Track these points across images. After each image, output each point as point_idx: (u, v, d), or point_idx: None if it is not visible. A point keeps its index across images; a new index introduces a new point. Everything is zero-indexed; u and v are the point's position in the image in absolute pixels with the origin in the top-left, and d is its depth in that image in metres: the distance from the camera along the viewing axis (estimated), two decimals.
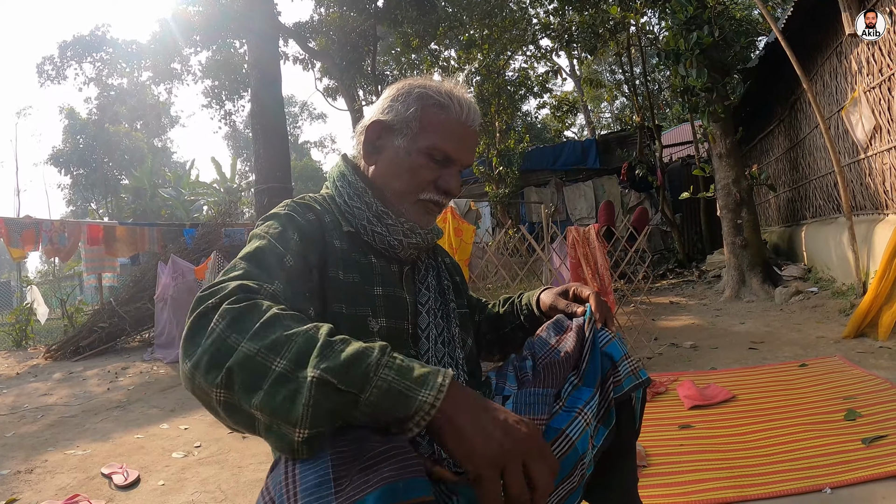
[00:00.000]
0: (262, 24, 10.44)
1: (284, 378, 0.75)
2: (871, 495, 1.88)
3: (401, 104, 1.21)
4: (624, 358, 1.23)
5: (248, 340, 0.78)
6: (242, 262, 1.00)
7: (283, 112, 10.82)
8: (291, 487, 0.72)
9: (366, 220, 1.20)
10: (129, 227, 10.44)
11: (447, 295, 1.34)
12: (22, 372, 6.96)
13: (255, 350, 0.77)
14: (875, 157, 5.40)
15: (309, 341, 0.79)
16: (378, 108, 1.26)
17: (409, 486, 0.70)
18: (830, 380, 3.23)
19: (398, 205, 1.22)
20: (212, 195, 30.46)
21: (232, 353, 0.78)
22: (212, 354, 0.79)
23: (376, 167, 1.24)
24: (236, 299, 0.85)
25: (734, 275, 7.17)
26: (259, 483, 2.65)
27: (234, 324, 0.81)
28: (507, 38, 13.94)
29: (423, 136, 1.19)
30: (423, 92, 1.21)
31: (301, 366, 0.76)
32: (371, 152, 1.24)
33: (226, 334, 0.80)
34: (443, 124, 1.20)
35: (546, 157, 14.67)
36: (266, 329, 0.80)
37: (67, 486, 2.85)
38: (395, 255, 1.24)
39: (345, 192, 1.24)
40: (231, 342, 0.79)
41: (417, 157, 1.19)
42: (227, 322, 0.81)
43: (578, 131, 31.71)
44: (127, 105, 27.22)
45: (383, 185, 1.23)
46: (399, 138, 1.21)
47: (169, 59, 16.19)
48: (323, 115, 58.72)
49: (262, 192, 9.80)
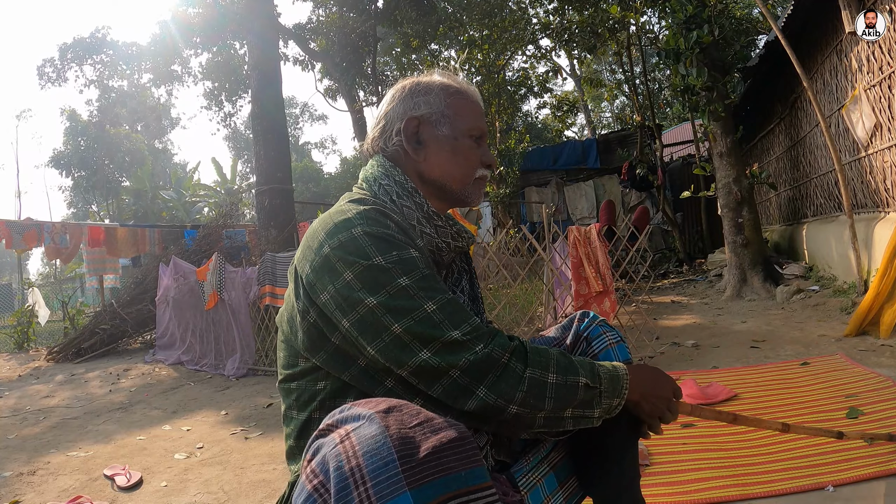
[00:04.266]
0: (261, 25, 10.43)
1: (561, 385, 1.06)
2: (873, 493, 1.88)
3: (428, 98, 1.27)
4: None
5: (552, 373, 1.06)
6: (441, 312, 1.04)
7: (284, 113, 10.80)
8: (357, 470, 0.73)
9: (415, 221, 1.21)
10: (130, 229, 10.46)
11: (479, 303, 1.37)
12: (24, 374, 6.97)
13: (539, 374, 1.05)
14: (875, 154, 5.40)
15: (562, 359, 1.10)
16: (397, 108, 1.28)
17: (471, 475, 0.75)
18: (832, 378, 3.23)
19: (461, 188, 1.28)
20: (212, 197, 30.49)
21: (542, 387, 1.05)
22: (528, 392, 1.04)
23: (427, 161, 1.26)
24: (511, 349, 1.05)
25: (735, 273, 7.16)
26: (261, 483, 2.65)
27: (536, 366, 1.06)
28: (507, 37, 13.94)
29: (461, 121, 1.27)
30: (440, 83, 1.29)
31: (567, 374, 1.07)
32: (416, 147, 1.26)
33: (530, 373, 1.04)
34: (468, 107, 1.29)
35: (546, 156, 14.67)
36: (535, 355, 1.07)
37: (70, 488, 2.85)
38: (440, 257, 1.26)
39: (392, 192, 1.23)
40: (540, 379, 1.05)
41: (464, 140, 1.27)
42: (532, 369, 1.05)
43: (579, 131, 31.72)
44: (127, 107, 27.21)
45: (442, 176, 1.27)
46: (441, 128, 1.26)
47: (169, 60, 16.19)
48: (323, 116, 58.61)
49: (263, 194, 9.79)
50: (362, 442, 0.75)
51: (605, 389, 1.10)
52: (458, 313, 1.04)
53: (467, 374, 1.01)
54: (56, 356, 7.86)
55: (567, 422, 1.08)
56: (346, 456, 0.74)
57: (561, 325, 1.38)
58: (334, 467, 0.74)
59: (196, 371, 6.13)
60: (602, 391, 1.09)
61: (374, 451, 0.74)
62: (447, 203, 1.31)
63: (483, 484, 0.75)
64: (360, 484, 0.72)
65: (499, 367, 1.02)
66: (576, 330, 1.33)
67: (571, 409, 1.07)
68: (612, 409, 1.12)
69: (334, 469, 0.74)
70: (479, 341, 1.02)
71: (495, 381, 1.01)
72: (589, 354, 1.29)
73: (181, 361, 6.57)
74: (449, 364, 1.00)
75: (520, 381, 1.02)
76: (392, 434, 0.75)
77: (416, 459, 0.73)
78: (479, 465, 0.76)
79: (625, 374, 1.14)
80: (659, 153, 12.31)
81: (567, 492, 1.27)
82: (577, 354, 1.31)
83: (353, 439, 0.76)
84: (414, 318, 1.01)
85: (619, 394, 1.12)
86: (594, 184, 13.97)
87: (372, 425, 0.77)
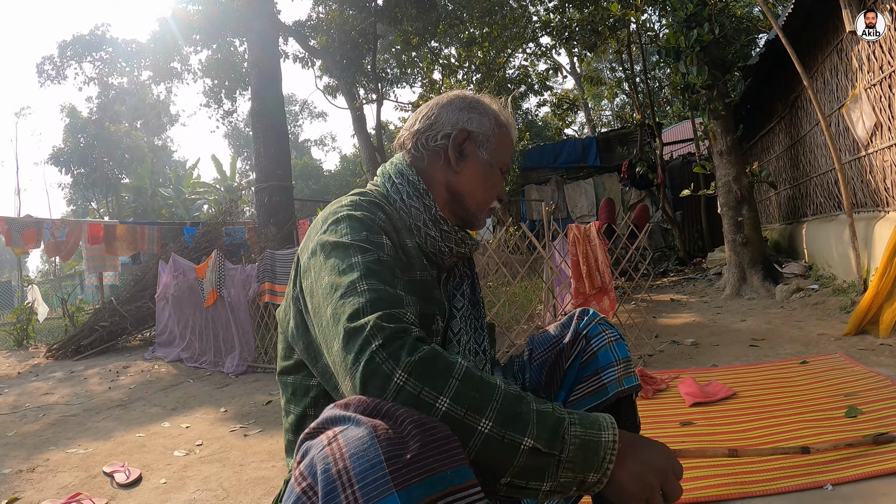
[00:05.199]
0: (261, 22, 10.43)
1: (493, 440, 0.84)
2: (872, 492, 1.88)
3: (482, 119, 1.30)
4: (613, 364, 1.27)
5: (448, 400, 0.84)
6: (364, 281, 0.96)
7: (284, 110, 10.81)
8: (344, 473, 0.73)
9: (421, 222, 1.22)
10: (130, 227, 10.45)
11: (480, 307, 1.37)
12: (23, 371, 6.97)
13: (461, 413, 0.84)
14: (876, 154, 5.39)
15: (510, 402, 0.88)
16: (455, 116, 1.29)
17: (457, 474, 0.76)
18: (831, 377, 3.23)
19: (476, 211, 1.31)
20: (212, 194, 30.46)
21: (430, 411, 0.83)
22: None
23: (461, 174, 1.28)
24: (408, 347, 0.87)
25: (735, 272, 7.16)
26: (260, 481, 2.66)
27: (423, 378, 0.85)
28: (508, 35, 13.93)
29: (499, 152, 1.31)
30: (495, 111, 1.33)
31: (506, 427, 0.85)
32: (458, 158, 1.28)
33: (417, 390, 0.84)
34: (507, 142, 1.34)
35: (546, 154, 14.66)
36: (464, 387, 0.86)
37: (69, 485, 2.85)
38: (441, 260, 1.27)
39: (403, 191, 1.24)
40: (426, 399, 0.84)
41: (495, 171, 1.31)
42: (415, 376, 0.85)
43: (579, 129, 31.69)
44: (127, 104, 27.19)
45: (469, 193, 1.29)
46: (483, 150, 1.29)
47: (168, 58, 16.15)
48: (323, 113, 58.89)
49: (263, 191, 9.80)
50: (349, 444, 0.75)
51: (570, 459, 0.86)
52: (389, 300, 0.94)
53: (359, 374, 0.87)
54: (55, 353, 7.86)
55: (501, 488, 0.86)
56: (333, 458, 0.75)
57: (560, 323, 1.38)
58: (322, 470, 0.75)
59: (195, 368, 6.13)
60: (563, 461, 0.86)
61: (360, 452, 0.74)
62: (456, 218, 1.31)
63: (468, 483, 0.76)
64: (348, 486, 0.72)
65: (396, 382, 0.84)
66: (575, 327, 1.33)
67: (507, 477, 0.85)
68: (586, 486, 0.89)
69: (322, 472, 0.75)
70: (389, 335, 0.88)
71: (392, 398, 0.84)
72: (588, 352, 1.29)
73: (180, 359, 6.58)
74: (347, 354, 0.89)
75: (428, 411, 0.83)
76: (379, 435, 0.75)
77: (404, 460, 0.73)
78: (463, 464, 0.77)
79: (611, 442, 0.90)
80: (659, 151, 12.30)
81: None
82: (575, 352, 1.31)
83: (341, 441, 0.76)
84: (341, 294, 0.95)
85: (598, 467, 0.88)
86: (594, 182, 13.97)
87: (360, 427, 0.77)
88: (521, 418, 0.86)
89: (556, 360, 1.33)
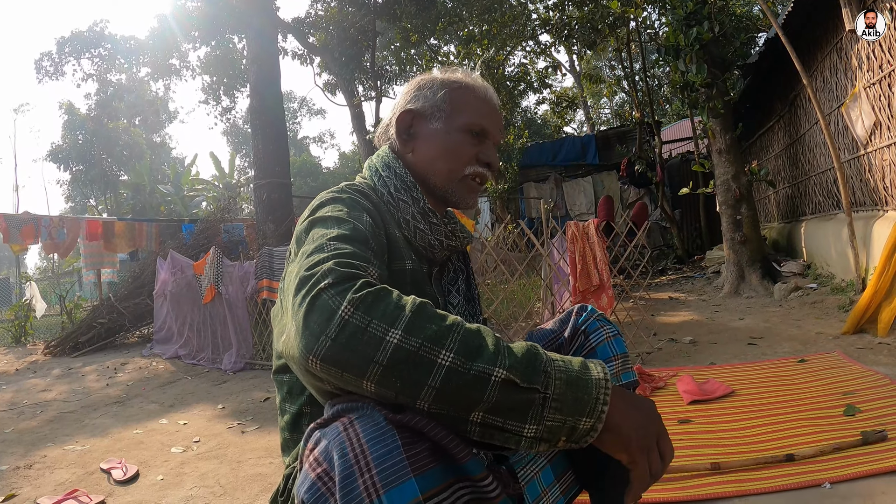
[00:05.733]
0: (260, 19, 10.40)
1: (456, 373, 0.76)
2: (870, 490, 1.88)
3: (427, 92, 1.25)
4: (611, 360, 1.25)
5: (400, 332, 0.76)
6: (333, 241, 0.93)
7: (282, 107, 10.79)
8: (361, 458, 0.73)
9: (409, 216, 1.19)
10: (128, 223, 10.43)
11: (476, 304, 1.35)
12: (21, 368, 6.96)
13: (415, 345, 0.76)
14: (875, 153, 5.39)
15: (472, 334, 0.79)
16: (402, 100, 1.28)
17: (470, 466, 0.77)
18: (829, 375, 3.23)
19: (445, 185, 1.23)
20: (210, 191, 30.43)
21: (380, 345, 0.76)
22: (346, 346, 0.76)
23: (415, 153, 1.25)
24: (359, 284, 0.81)
25: (733, 270, 7.17)
26: (258, 477, 2.65)
27: (371, 311, 0.78)
28: (507, 33, 13.89)
29: (458, 115, 1.23)
30: (446, 79, 1.27)
31: (471, 359, 0.77)
32: (406, 140, 1.25)
33: (363, 323, 0.77)
34: (472, 102, 1.25)
35: (545, 152, 14.65)
36: (418, 318, 0.78)
37: (66, 481, 2.84)
38: (431, 254, 1.23)
39: (390, 183, 1.21)
40: (375, 332, 0.77)
41: (457, 135, 1.23)
42: (362, 309, 0.78)
43: (578, 127, 31.68)
44: (125, 101, 27.13)
45: (426, 169, 1.23)
46: (434, 122, 1.24)
47: (167, 54, 16.14)
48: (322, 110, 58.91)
49: (261, 188, 9.78)
50: (366, 429, 0.75)
51: (556, 398, 0.78)
52: (351, 256, 0.90)
53: (302, 311, 0.80)
54: (53, 350, 7.85)
55: (474, 429, 0.78)
56: (350, 443, 0.75)
57: (559, 319, 1.37)
58: (338, 455, 0.74)
59: (193, 365, 6.12)
60: (549, 398, 0.78)
61: (378, 438, 0.74)
62: (440, 201, 1.27)
63: (482, 474, 0.77)
64: (366, 471, 0.72)
65: (341, 315, 0.77)
66: (573, 323, 1.32)
67: (479, 413, 0.77)
68: (578, 434, 0.80)
69: (339, 457, 0.74)
70: (341, 276, 0.82)
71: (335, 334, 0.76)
72: (586, 348, 1.28)
73: (178, 356, 6.57)
74: (295, 298, 0.84)
75: (378, 345, 0.75)
76: (394, 421, 0.76)
77: (420, 446, 0.74)
78: (475, 457, 0.78)
79: (602, 380, 0.82)
80: (658, 150, 12.30)
81: (563, 485, 1.27)
82: (574, 348, 1.30)
83: (357, 427, 0.76)
84: (307, 254, 0.92)
85: (591, 410, 0.80)
86: (593, 180, 13.97)
87: (375, 414, 0.77)
88: (486, 349, 0.78)
89: None
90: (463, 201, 1.26)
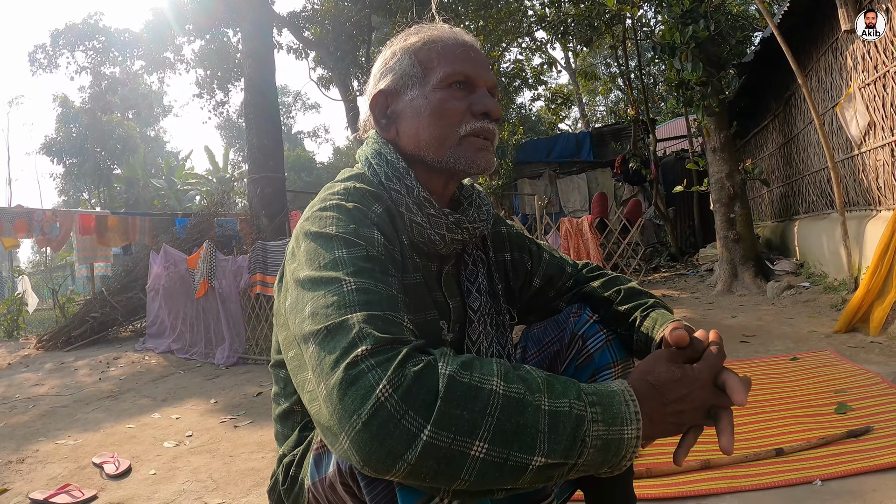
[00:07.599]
0: (256, 13, 10.36)
1: (491, 465, 0.72)
2: (861, 487, 1.90)
3: (393, 64, 1.13)
4: (610, 366, 1.19)
5: (431, 426, 0.70)
6: (351, 278, 0.84)
7: (277, 102, 10.78)
8: None
9: (403, 207, 1.05)
10: (121, 217, 10.37)
11: (500, 299, 1.23)
12: (13, 362, 6.93)
13: (449, 439, 0.71)
14: (868, 153, 5.41)
15: (510, 411, 0.73)
16: (371, 84, 1.17)
17: None
18: (822, 373, 3.25)
19: (441, 155, 1.07)
20: (204, 185, 30.35)
21: (412, 443, 0.70)
22: (376, 436, 0.70)
23: (400, 135, 1.11)
24: (400, 357, 0.75)
25: (726, 268, 7.19)
26: (250, 472, 2.65)
27: (407, 398, 0.71)
28: (503, 29, 13.88)
29: (433, 73, 1.08)
30: (407, 45, 1.13)
31: (508, 447, 0.72)
32: (387, 124, 1.13)
33: (398, 413, 0.71)
34: (444, 52, 1.09)
35: (540, 149, 14.67)
36: (450, 406, 0.72)
37: (58, 476, 2.83)
38: (433, 249, 1.09)
39: (382, 173, 1.08)
40: (408, 426, 0.71)
41: (437, 93, 1.07)
42: (401, 393, 0.71)
43: (573, 124, 31.67)
44: (119, 94, 26.98)
45: (417, 147, 1.08)
46: (411, 91, 1.09)
47: (162, 47, 16.08)
48: (316, 105, 58.68)
49: (255, 182, 9.76)
50: None
51: (586, 462, 0.76)
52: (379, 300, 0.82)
53: (337, 379, 0.74)
54: (46, 344, 7.82)
55: (497, 495, 0.77)
56: None
57: (554, 319, 1.30)
58: None
59: (186, 359, 6.11)
60: (578, 465, 0.75)
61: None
62: (443, 177, 1.12)
63: None
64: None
65: (378, 396, 0.71)
66: (571, 327, 1.25)
67: (507, 488, 0.76)
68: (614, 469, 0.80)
69: None
70: (379, 340, 0.76)
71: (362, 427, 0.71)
72: (583, 354, 1.20)
73: (171, 350, 6.55)
74: (326, 355, 0.77)
75: (409, 443, 0.70)
76: None
77: None
78: None
79: (634, 438, 0.78)
80: (653, 147, 12.31)
81: (558, 484, 1.26)
82: (571, 354, 1.23)
83: None
84: (324, 292, 0.83)
85: (615, 466, 0.79)
86: (587, 177, 13.99)
87: None
88: (525, 431, 0.73)
89: (552, 363, 1.26)
90: (472, 166, 1.08)
